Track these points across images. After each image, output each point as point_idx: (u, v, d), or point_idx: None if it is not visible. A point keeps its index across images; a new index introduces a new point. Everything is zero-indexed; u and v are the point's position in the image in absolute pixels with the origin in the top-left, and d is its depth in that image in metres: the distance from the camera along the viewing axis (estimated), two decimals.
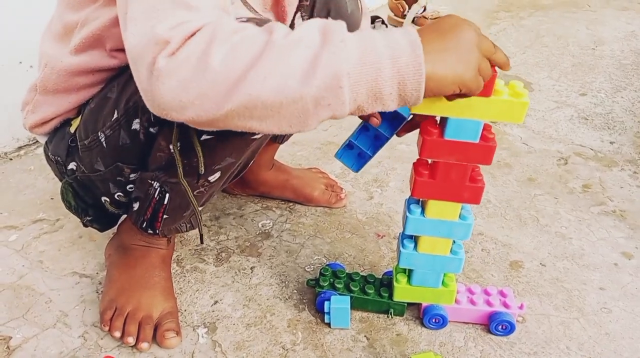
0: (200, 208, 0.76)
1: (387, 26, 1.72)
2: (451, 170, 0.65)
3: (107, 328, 0.75)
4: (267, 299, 0.83)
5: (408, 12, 2.00)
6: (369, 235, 0.97)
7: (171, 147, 0.65)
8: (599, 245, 0.96)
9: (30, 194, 1.05)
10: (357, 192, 1.09)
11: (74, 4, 0.68)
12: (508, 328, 0.76)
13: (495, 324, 0.76)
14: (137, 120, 0.66)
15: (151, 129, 0.67)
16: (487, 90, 0.58)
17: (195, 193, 0.70)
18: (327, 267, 0.82)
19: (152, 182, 0.70)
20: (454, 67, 0.51)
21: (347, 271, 0.82)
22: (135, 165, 0.71)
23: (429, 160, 0.67)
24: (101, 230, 0.82)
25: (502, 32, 2.04)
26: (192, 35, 0.47)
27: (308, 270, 0.89)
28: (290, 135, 0.98)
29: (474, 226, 0.99)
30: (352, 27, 0.80)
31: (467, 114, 0.60)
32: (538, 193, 1.10)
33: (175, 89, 0.47)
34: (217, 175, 0.69)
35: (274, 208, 1.03)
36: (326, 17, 0.77)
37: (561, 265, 0.91)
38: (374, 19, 1.71)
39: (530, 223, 1.01)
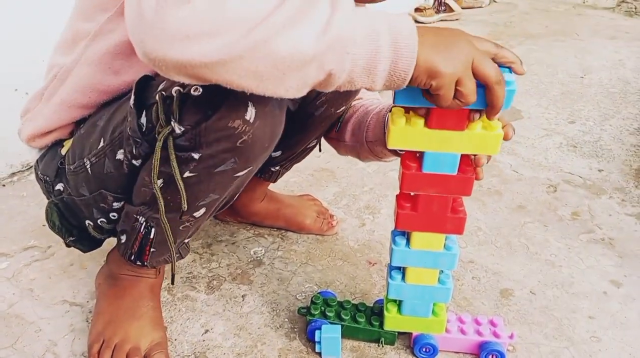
0: (187, 240, 0.77)
1: None
2: (432, 202, 0.66)
3: None
4: (258, 328, 0.83)
5: None
6: (360, 263, 0.98)
7: (148, 181, 0.65)
8: (588, 273, 0.97)
9: (22, 221, 1.05)
10: (349, 219, 1.10)
11: (86, 13, 0.69)
12: None
13: (486, 353, 0.76)
14: (122, 151, 0.67)
15: (134, 162, 0.67)
16: (460, 123, 0.59)
17: (180, 228, 0.71)
18: (318, 295, 0.82)
19: (138, 217, 0.71)
20: (442, 62, 0.52)
21: (338, 299, 0.82)
22: (119, 195, 0.72)
23: (411, 193, 0.68)
24: (84, 251, 0.83)
25: None
26: None
27: (299, 298, 0.89)
28: (281, 174, 0.98)
29: (465, 254, 1.01)
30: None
31: (442, 147, 0.62)
32: (528, 221, 1.11)
33: (187, 18, 0.45)
34: (202, 211, 0.70)
35: (266, 236, 1.03)
36: None
37: (551, 293, 0.92)
38: None
39: (520, 251, 1.02)
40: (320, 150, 0.96)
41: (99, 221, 0.75)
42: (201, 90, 0.58)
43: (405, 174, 0.64)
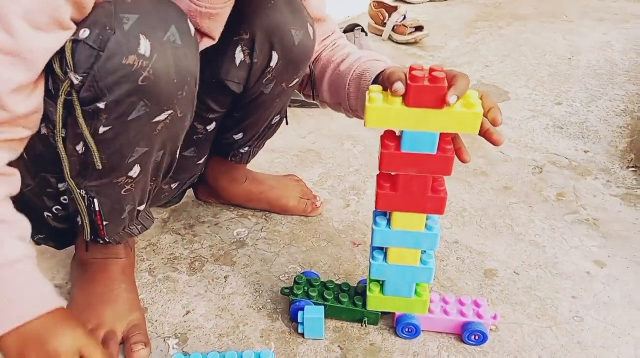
0: (142, 207, 0.74)
1: (367, 34, 1.73)
2: (412, 182, 0.65)
3: None
4: (241, 309, 0.82)
5: (388, 20, 2.01)
6: (344, 244, 0.97)
7: (72, 148, 0.62)
8: (572, 254, 0.97)
9: None
10: (334, 200, 1.09)
11: None
12: (481, 338, 0.76)
13: (468, 334, 0.76)
14: (43, 124, 0.63)
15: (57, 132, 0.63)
16: (439, 101, 0.58)
17: (122, 193, 0.67)
18: (301, 276, 0.81)
19: (79, 191, 0.67)
20: None
21: (321, 280, 0.82)
22: (59, 174, 0.68)
23: (392, 173, 0.67)
24: (58, 248, 0.81)
25: (481, 41, 2.07)
26: None
27: (283, 279, 0.88)
28: (254, 155, 0.96)
29: (450, 235, 1.00)
30: (301, 58, 0.78)
31: (421, 126, 0.60)
32: (513, 202, 1.11)
33: None
34: (137, 169, 0.66)
35: (249, 217, 1.02)
36: (269, 51, 0.76)
37: (535, 274, 0.92)
38: (353, 27, 1.71)
39: (505, 232, 1.02)
40: (287, 124, 0.94)
41: (54, 209, 0.72)
42: (89, 31, 0.55)
43: (384, 154, 0.63)
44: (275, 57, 0.77)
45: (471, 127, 0.61)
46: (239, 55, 0.76)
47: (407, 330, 0.77)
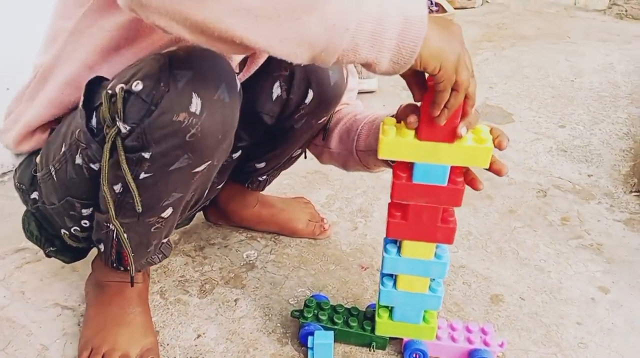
0: (166, 240, 0.77)
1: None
2: (422, 212, 0.67)
3: None
4: (251, 333, 0.83)
5: None
6: (352, 267, 0.98)
7: (109, 187, 0.64)
8: (576, 279, 0.98)
9: (13, 222, 1.04)
10: (341, 222, 1.10)
11: (65, 10, 0.67)
12: None
13: None
14: (79, 156, 0.65)
15: (92, 166, 0.66)
16: (450, 135, 0.60)
17: (152, 230, 0.70)
18: (311, 298, 0.83)
19: (108, 224, 0.70)
20: (446, 48, 0.52)
21: (331, 303, 0.83)
22: (85, 201, 0.70)
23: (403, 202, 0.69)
24: (67, 261, 0.83)
25: (484, 62, 2.10)
26: None
27: (292, 302, 0.90)
28: (269, 183, 0.99)
29: (456, 258, 1.02)
30: (334, 98, 0.81)
31: (432, 159, 0.62)
32: (518, 226, 1.13)
33: None
34: (170, 211, 0.69)
35: (258, 239, 1.04)
36: (306, 89, 0.79)
37: (540, 299, 0.93)
38: None
39: (510, 256, 1.03)
40: (305, 157, 0.96)
41: (72, 230, 0.74)
42: (142, 85, 0.57)
43: (396, 184, 0.65)
44: (310, 94, 0.80)
45: (481, 161, 0.62)
46: (276, 90, 0.79)
47: (414, 355, 0.78)
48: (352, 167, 0.87)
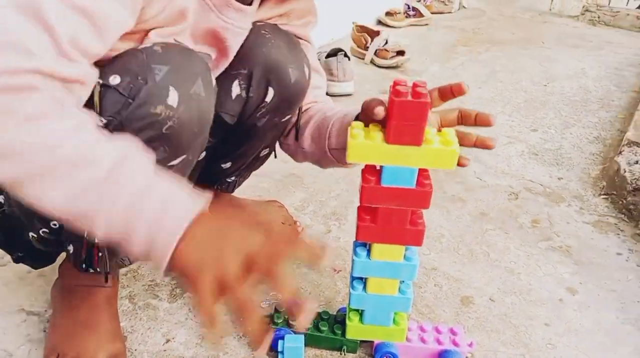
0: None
1: (349, 59, 1.77)
2: (391, 214, 0.67)
3: None
4: (221, 337, 0.82)
5: (370, 44, 2.05)
6: (325, 270, 0.98)
7: None
8: (545, 281, 1.00)
9: None
10: (315, 226, 1.10)
11: None
12: None
13: None
14: None
15: None
16: (417, 138, 0.61)
17: None
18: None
19: None
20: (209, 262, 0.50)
21: None
22: None
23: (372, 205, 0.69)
24: (36, 267, 0.81)
25: (460, 66, 2.12)
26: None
27: (263, 306, 0.89)
28: (239, 184, 0.98)
29: (428, 261, 1.02)
30: (296, 96, 0.81)
31: (400, 161, 0.63)
32: (490, 228, 1.14)
33: None
34: None
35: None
36: (266, 87, 0.79)
37: (509, 301, 0.94)
38: (336, 52, 1.75)
39: (481, 258, 1.05)
40: (275, 157, 0.96)
41: (41, 232, 0.73)
42: (120, 79, 0.57)
43: (364, 187, 0.65)
44: (270, 92, 0.80)
45: (448, 163, 0.63)
46: (235, 89, 0.79)
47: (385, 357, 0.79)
48: (327, 164, 0.87)
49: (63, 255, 0.80)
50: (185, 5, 0.63)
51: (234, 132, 0.85)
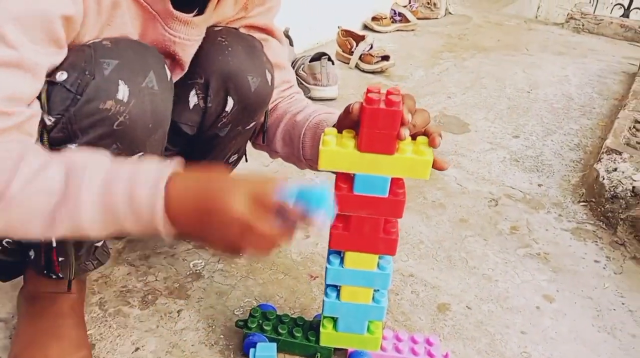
0: (100, 243, 0.75)
1: (333, 63, 1.76)
2: (364, 223, 0.66)
3: None
4: (192, 345, 0.81)
5: (355, 48, 2.05)
6: (302, 276, 0.97)
7: None
8: (522, 288, 1.00)
9: None
10: None
11: None
12: None
13: None
14: None
15: None
16: (389, 147, 0.60)
17: None
18: (257, 308, 0.81)
19: None
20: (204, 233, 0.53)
21: (277, 313, 0.82)
22: None
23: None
24: (3, 280, 0.79)
25: (445, 72, 2.12)
26: None
27: (237, 313, 0.88)
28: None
29: (405, 267, 1.02)
30: (258, 104, 0.78)
31: (373, 170, 0.62)
32: (469, 235, 1.14)
33: None
34: None
35: (207, 248, 1.02)
36: (225, 97, 0.77)
37: (486, 308, 0.94)
38: (320, 56, 1.74)
39: (459, 265, 1.04)
40: (246, 161, 0.94)
41: (4, 242, 0.70)
42: (67, 74, 0.56)
43: (337, 195, 0.64)
44: (230, 102, 0.77)
45: (421, 173, 0.62)
46: (193, 99, 0.76)
47: None
48: (303, 168, 0.86)
49: None
50: (126, 30, 0.63)
51: (197, 142, 0.83)
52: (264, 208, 0.52)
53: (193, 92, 0.76)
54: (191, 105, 0.77)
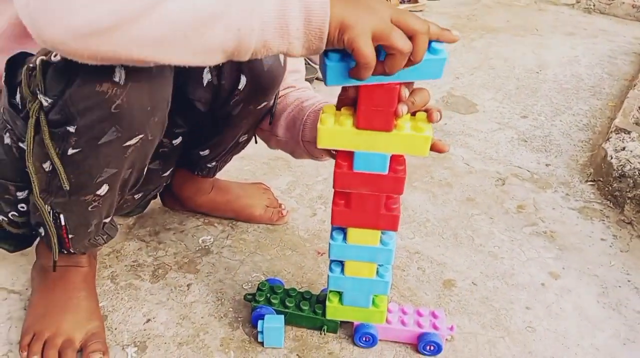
0: (108, 219, 0.75)
1: None
2: (365, 199, 0.67)
3: (25, 353, 0.72)
4: (202, 317, 0.82)
5: None
6: (309, 253, 0.98)
7: (38, 165, 0.62)
8: (528, 265, 1.00)
9: None
10: (300, 209, 1.10)
11: None
12: (435, 349, 0.78)
13: (423, 344, 0.78)
14: (8, 134, 0.64)
15: (21, 144, 0.64)
16: (387, 124, 0.60)
17: (89, 209, 0.68)
18: (265, 282, 0.83)
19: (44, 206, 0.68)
20: (353, 15, 0.50)
21: (284, 287, 0.83)
22: (19, 183, 0.68)
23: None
24: (11, 250, 0.80)
25: (453, 52, 2.10)
26: None
27: (246, 287, 0.89)
28: (220, 168, 0.97)
29: (412, 244, 1.03)
30: (270, 84, 0.78)
31: (371, 147, 0.62)
32: (475, 213, 1.14)
33: None
34: (105, 188, 0.66)
35: (215, 224, 1.03)
36: (238, 74, 0.77)
37: (491, 284, 0.95)
38: None
39: (465, 243, 1.05)
40: (256, 142, 0.94)
41: (10, 215, 0.72)
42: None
43: (337, 172, 0.65)
44: (243, 80, 0.77)
45: (420, 149, 0.62)
46: (207, 76, 0.76)
47: (364, 339, 0.79)
48: (299, 155, 0.86)
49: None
50: None
51: (209, 121, 0.84)
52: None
53: (207, 69, 0.76)
54: (205, 82, 0.77)
